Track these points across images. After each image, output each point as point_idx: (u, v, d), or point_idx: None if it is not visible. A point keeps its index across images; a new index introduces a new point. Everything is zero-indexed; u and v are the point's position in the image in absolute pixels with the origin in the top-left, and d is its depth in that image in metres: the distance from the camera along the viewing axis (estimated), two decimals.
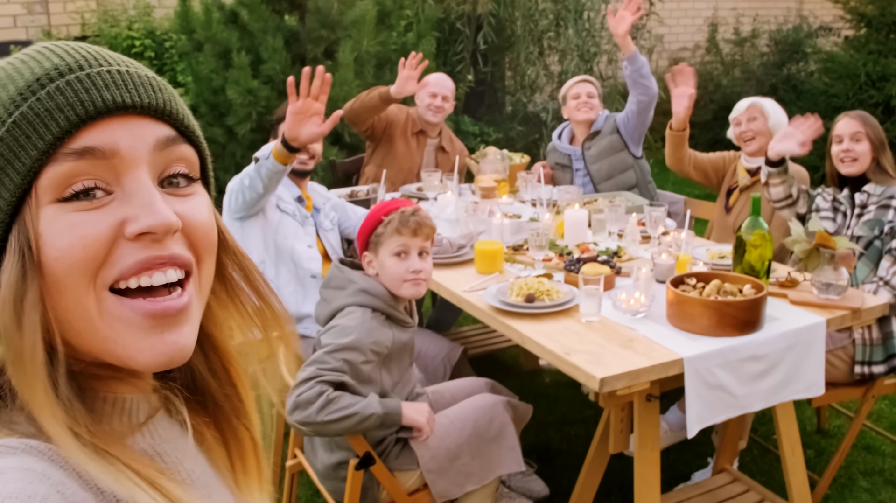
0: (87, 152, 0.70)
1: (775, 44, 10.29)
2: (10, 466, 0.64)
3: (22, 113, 0.70)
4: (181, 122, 0.78)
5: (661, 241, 3.22)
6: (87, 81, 0.72)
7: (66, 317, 0.71)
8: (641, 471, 2.50)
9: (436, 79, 4.51)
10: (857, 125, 3.29)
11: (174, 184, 0.77)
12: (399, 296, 2.58)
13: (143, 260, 0.72)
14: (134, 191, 0.72)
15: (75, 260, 0.69)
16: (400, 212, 2.55)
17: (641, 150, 4.45)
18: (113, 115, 0.72)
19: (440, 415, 2.66)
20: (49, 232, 0.70)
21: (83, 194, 0.71)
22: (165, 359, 0.74)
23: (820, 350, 2.62)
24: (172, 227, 0.72)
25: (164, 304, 0.73)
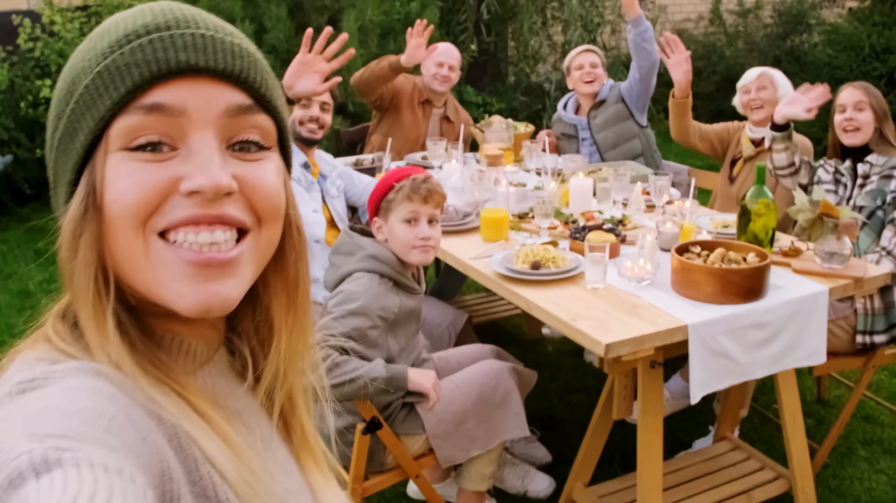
0: (156, 108, 0.74)
1: (779, 15, 10.23)
2: (82, 386, 0.69)
3: (106, 65, 0.74)
4: (258, 90, 0.80)
5: (666, 209, 3.23)
6: (168, 41, 0.75)
7: (120, 257, 0.76)
8: (644, 438, 2.53)
9: (442, 48, 4.51)
10: (860, 94, 3.29)
11: (245, 149, 0.79)
12: (407, 262, 2.60)
13: (192, 216, 0.74)
14: (196, 150, 0.75)
15: (129, 204, 0.73)
16: (411, 178, 2.57)
17: (646, 120, 4.45)
18: (186, 76, 0.75)
19: (446, 381, 2.69)
20: (111, 176, 0.74)
21: (149, 147, 0.74)
22: (204, 307, 0.76)
23: (822, 318, 2.64)
24: (222, 189, 0.74)
25: (209, 255, 0.75)
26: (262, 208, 0.80)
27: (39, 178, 6.87)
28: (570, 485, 2.98)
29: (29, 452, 0.59)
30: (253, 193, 0.78)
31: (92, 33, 0.80)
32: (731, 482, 3.02)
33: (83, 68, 0.76)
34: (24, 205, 6.88)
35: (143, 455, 0.66)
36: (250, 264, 0.80)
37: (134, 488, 0.59)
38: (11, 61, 6.85)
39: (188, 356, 0.83)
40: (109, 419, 0.66)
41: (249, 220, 0.78)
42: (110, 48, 0.75)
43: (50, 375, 0.70)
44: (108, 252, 0.76)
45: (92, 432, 0.63)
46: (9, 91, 6.78)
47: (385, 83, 4.39)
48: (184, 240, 0.75)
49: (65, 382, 0.69)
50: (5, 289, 5.33)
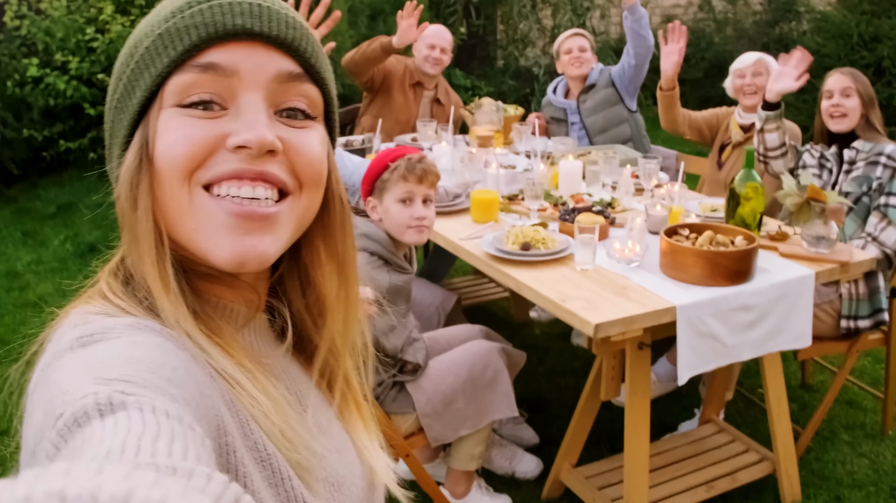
0: (209, 67, 0.77)
1: (768, 2, 10.25)
2: (144, 340, 0.72)
3: (167, 27, 0.78)
4: (308, 60, 0.83)
5: (655, 193, 3.25)
6: (226, 7, 0.78)
7: (166, 209, 0.79)
8: (632, 418, 2.56)
9: (434, 30, 4.50)
10: (847, 80, 3.31)
11: (291, 115, 0.82)
12: (402, 241, 2.61)
13: (236, 169, 0.77)
14: (244, 110, 0.78)
15: (176, 155, 0.77)
16: (406, 158, 2.57)
17: (636, 104, 4.46)
18: (241, 40, 0.79)
19: (435, 361, 2.71)
20: (163, 128, 0.78)
21: (201, 105, 0.78)
22: (240, 259, 0.78)
23: (808, 302, 2.67)
24: (267, 145, 0.77)
25: (249, 208, 0.78)
26: (304, 173, 0.82)
27: (26, 158, 6.84)
28: (558, 466, 3.01)
29: (95, 394, 0.61)
30: (296, 157, 0.81)
31: (159, 4, 0.83)
32: (716, 464, 3.05)
33: (146, 32, 0.80)
34: (11, 185, 6.85)
35: (201, 408, 0.68)
36: (289, 225, 0.82)
37: (193, 434, 0.60)
38: None
39: (230, 317, 0.86)
40: (172, 370, 0.68)
41: (291, 183, 0.81)
42: (172, 13, 0.79)
43: (109, 330, 0.72)
44: (156, 205, 0.79)
45: (155, 380, 0.65)
46: None
47: (376, 64, 4.39)
48: (227, 193, 0.77)
49: (126, 338, 0.72)
50: None
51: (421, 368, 2.68)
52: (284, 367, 0.90)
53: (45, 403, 0.64)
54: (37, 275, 5.23)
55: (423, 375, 2.67)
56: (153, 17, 0.82)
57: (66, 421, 0.60)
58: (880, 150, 3.22)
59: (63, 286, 4.99)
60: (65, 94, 6.57)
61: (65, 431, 0.59)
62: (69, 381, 0.64)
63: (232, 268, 0.79)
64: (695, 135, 4.15)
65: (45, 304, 4.78)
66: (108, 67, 6.68)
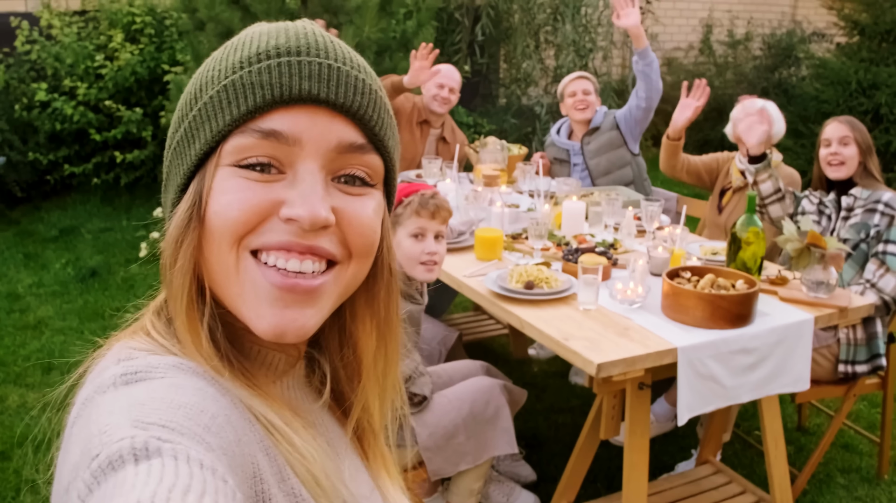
0: (271, 134, 0.76)
1: (768, 47, 10.39)
2: (186, 384, 0.72)
3: (232, 80, 0.77)
4: (373, 129, 0.81)
5: (657, 235, 3.30)
6: (295, 67, 0.77)
7: (212, 268, 0.79)
8: (631, 458, 2.58)
9: (444, 70, 4.57)
10: (845, 129, 3.37)
11: (349, 182, 0.81)
12: (412, 277, 2.65)
13: (286, 242, 0.76)
14: (301, 179, 0.77)
15: (228, 218, 0.76)
16: (420, 194, 2.63)
17: (639, 148, 4.52)
18: (307, 105, 0.77)
19: (438, 395, 2.74)
20: (218, 188, 0.77)
21: (258, 167, 0.77)
22: (280, 331, 0.77)
23: (807, 346, 2.70)
24: (319, 222, 0.76)
25: (294, 281, 0.77)
26: (356, 243, 0.81)
27: (31, 181, 6.89)
28: None
29: (132, 437, 0.61)
30: (349, 227, 0.80)
31: (228, 42, 0.83)
32: None
33: (212, 77, 0.79)
34: (14, 207, 6.89)
35: (237, 456, 0.69)
36: (333, 295, 0.82)
37: (225, 488, 0.61)
38: (7, 63, 6.89)
39: (269, 367, 0.86)
40: (211, 417, 0.69)
41: (340, 254, 0.80)
42: (240, 63, 0.78)
43: (153, 370, 0.73)
44: (203, 262, 0.79)
45: (193, 427, 0.65)
46: (3, 93, 6.81)
47: None
48: (274, 262, 0.77)
49: (168, 379, 0.72)
50: None
51: (427, 400, 2.71)
52: (320, 418, 0.90)
53: (83, 441, 0.65)
54: (37, 298, 5.25)
55: (426, 410, 2.70)
56: (221, 60, 0.80)
57: (100, 463, 0.60)
58: (878, 197, 3.27)
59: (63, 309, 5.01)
60: (71, 119, 6.64)
61: (98, 473, 0.60)
62: (108, 421, 0.65)
63: (271, 338, 0.78)
64: (693, 179, 4.21)
65: (44, 327, 4.80)
66: (116, 94, 6.77)
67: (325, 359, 0.92)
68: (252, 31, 0.82)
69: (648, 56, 4.20)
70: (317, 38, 0.80)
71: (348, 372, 0.93)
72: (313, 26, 0.82)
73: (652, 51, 4.24)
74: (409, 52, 6.44)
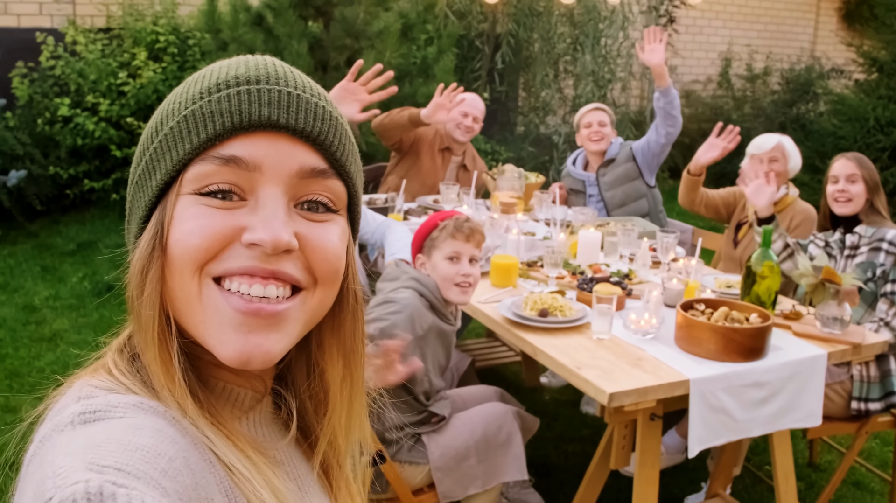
0: (231, 160, 0.76)
1: (787, 82, 10.42)
2: (146, 424, 0.70)
3: (192, 110, 0.78)
4: (334, 155, 0.81)
5: (671, 266, 3.31)
6: (254, 94, 0.77)
7: (175, 296, 0.78)
8: (641, 489, 2.58)
9: (469, 99, 4.60)
10: (852, 167, 3.39)
11: (312, 208, 0.81)
12: (447, 299, 2.72)
13: (249, 267, 0.76)
14: (262, 204, 0.77)
15: (190, 246, 0.75)
16: (455, 218, 2.72)
17: (655, 180, 4.54)
18: (267, 131, 0.77)
19: (453, 418, 2.77)
20: (179, 217, 0.77)
21: (220, 194, 0.77)
22: (245, 357, 0.76)
23: (820, 381, 2.70)
24: (282, 245, 0.76)
25: (258, 305, 0.76)
26: (320, 269, 0.80)
27: (50, 195, 6.95)
28: None
29: (86, 482, 0.60)
30: (312, 254, 0.80)
31: (190, 77, 0.83)
32: None
33: (172, 110, 0.79)
34: (33, 220, 6.95)
35: (194, 501, 0.68)
36: (299, 321, 0.81)
37: None
38: (32, 77, 6.96)
39: (234, 403, 0.84)
40: (169, 460, 0.67)
41: (305, 280, 0.80)
42: (200, 94, 0.78)
43: (112, 409, 0.71)
44: (167, 292, 0.78)
45: (149, 471, 0.64)
46: (27, 107, 6.89)
47: (402, 132, 4.48)
48: (237, 289, 0.76)
49: (127, 419, 0.70)
50: (11, 302, 5.37)
51: (445, 420, 2.75)
52: (287, 454, 0.89)
53: (37, 483, 0.63)
54: (53, 311, 5.29)
55: (440, 430, 2.72)
56: (182, 93, 0.81)
57: None
58: (881, 235, 3.27)
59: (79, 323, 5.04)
60: (93, 134, 6.71)
61: None
62: (63, 463, 0.63)
63: (236, 365, 0.77)
64: (711, 213, 4.22)
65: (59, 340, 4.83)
66: (137, 111, 6.84)
67: (291, 395, 0.91)
68: (213, 66, 0.82)
69: (670, 94, 4.23)
70: (276, 68, 0.81)
71: (315, 402, 0.91)
72: (273, 59, 0.83)
73: (674, 88, 4.26)
74: (429, 77, 6.55)
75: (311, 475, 0.91)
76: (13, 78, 6.87)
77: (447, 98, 4.25)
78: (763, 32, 11.51)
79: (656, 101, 4.28)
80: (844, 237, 3.40)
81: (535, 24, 8.43)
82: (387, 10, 6.38)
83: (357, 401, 0.92)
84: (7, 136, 6.52)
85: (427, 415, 2.74)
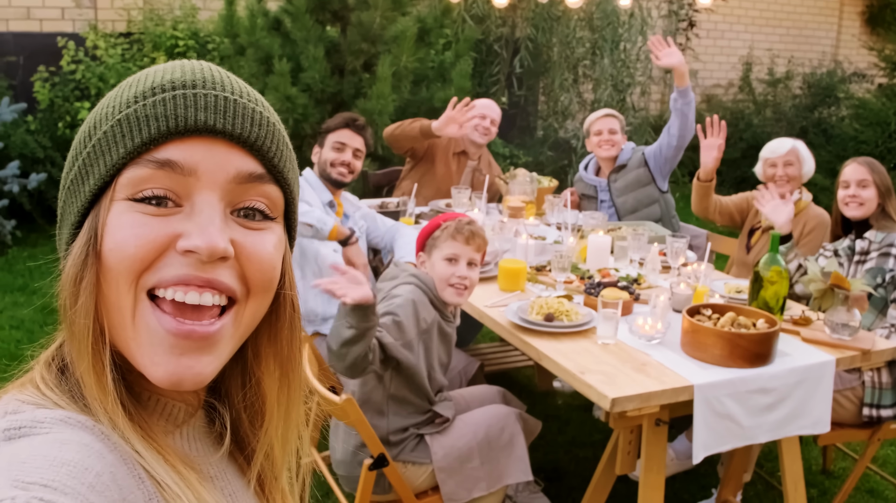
0: (166, 164, 0.74)
1: (808, 87, 10.35)
2: (72, 439, 0.69)
3: (126, 114, 0.76)
4: (272, 160, 0.81)
5: (681, 271, 3.29)
6: (190, 99, 0.76)
7: (110, 309, 0.76)
8: (646, 495, 2.57)
9: (486, 102, 4.63)
10: (864, 172, 3.36)
11: (249, 215, 0.79)
12: (441, 298, 2.74)
13: (183, 275, 0.74)
14: (199, 210, 0.75)
15: (125, 255, 0.74)
16: (457, 220, 2.75)
17: (667, 185, 4.51)
18: (203, 136, 0.76)
19: (456, 419, 2.77)
20: (113, 224, 0.75)
21: (154, 200, 0.75)
22: (176, 379, 0.75)
23: (828, 388, 2.68)
24: (218, 252, 0.74)
25: (191, 328, 0.75)
26: (254, 279, 0.79)
27: None
28: None
29: (12, 499, 0.59)
30: (247, 262, 0.78)
31: (123, 82, 0.81)
32: None
33: (106, 114, 0.77)
34: (54, 222, 6.96)
35: None
36: (232, 338, 0.80)
37: None
38: (53, 82, 7.04)
39: (166, 416, 0.83)
40: (96, 475, 0.66)
41: (239, 290, 0.78)
42: (135, 98, 0.76)
43: (38, 425, 0.70)
44: (101, 301, 0.76)
45: (76, 486, 0.63)
46: (48, 110, 6.97)
47: (413, 143, 4.50)
48: (171, 296, 0.74)
49: (53, 434, 0.69)
50: (30, 303, 5.43)
51: (448, 421, 2.77)
52: (221, 469, 0.87)
53: None
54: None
55: (443, 431, 2.73)
56: (115, 97, 0.79)
57: None
58: (891, 240, 3.25)
59: None
60: None
61: None
62: None
63: (167, 386, 0.75)
64: (725, 220, 4.19)
65: None
66: None
67: (225, 408, 0.89)
68: (148, 70, 0.81)
69: (688, 95, 4.20)
70: (213, 73, 0.80)
71: (250, 413, 0.90)
72: (210, 64, 0.81)
73: (692, 90, 4.24)
74: (446, 82, 6.54)
75: (247, 490, 0.90)
76: (35, 82, 6.95)
77: (459, 112, 4.27)
78: (785, 37, 11.43)
79: (673, 102, 4.26)
80: (854, 243, 3.37)
81: (553, 29, 8.42)
82: (404, 15, 6.39)
83: (294, 410, 0.91)
84: (28, 140, 6.60)
85: (431, 415, 2.75)
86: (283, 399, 0.89)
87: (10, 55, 7.07)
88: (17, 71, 7.07)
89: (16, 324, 5.12)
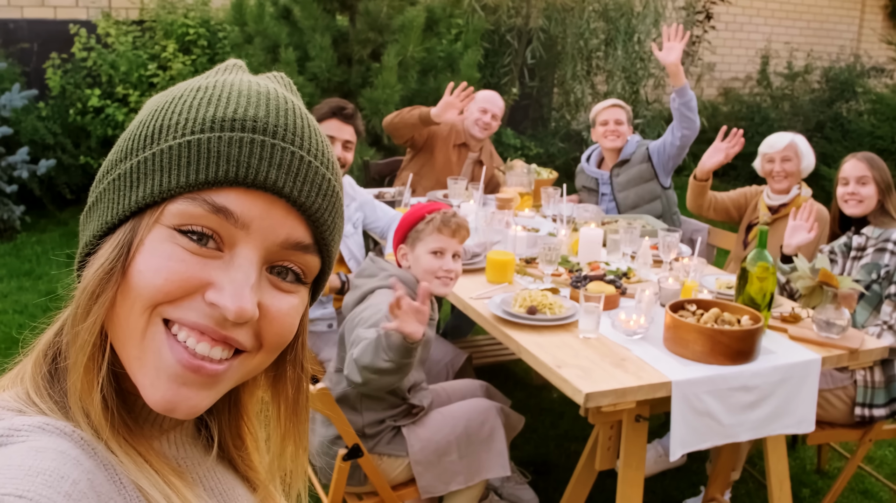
0: (222, 210, 0.73)
1: (826, 81, 10.23)
2: (48, 447, 0.68)
3: (198, 139, 0.73)
4: (323, 233, 0.79)
5: (673, 265, 3.26)
6: (267, 150, 0.74)
7: (119, 324, 0.74)
8: (624, 491, 2.54)
9: (488, 96, 4.58)
10: (863, 168, 3.31)
11: (282, 274, 0.78)
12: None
13: (203, 325, 0.73)
14: (237, 265, 0.74)
15: (152, 284, 0.72)
16: (442, 212, 2.72)
17: (670, 181, 4.46)
18: (267, 193, 0.74)
19: (434, 412, 2.76)
20: (150, 247, 0.73)
21: (199, 236, 0.73)
22: (171, 407, 0.74)
23: (813, 387, 2.64)
24: (243, 318, 0.73)
25: (200, 363, 0.74)
26: (269, 340, 0.78)
27: (81, 184, 7.05)
28: None
29: None
30: (268, 325, 0.77)
31: (202, 82, 0.79)
32: None
33: (176, 122, 0.75)
34: (63, 209, 7.06)
35: None
36: (232, 380, 0.79)
37: None
38: (65, 68, 7.07)
39: (155, 423, 0.82)
40: (72, 483, 0.66)
41: (251, 346, 0.77)
42: (211, 123, 0.74)
43: (14, 433, 0.69)
44: (112, 314, 0.75)
45: (52, 496, 0.63)
46: (59, 97, 7.00)
47: (413, 131, 4.46)
48: (184, 339, 0.74)
49: (30, 442, 0.68)
50: (35, 289, 5.47)
51: (424, 410, 2.75)
52: (209, 468, 0.88)
53: None
54: None
55: (420, 423, 2.72)
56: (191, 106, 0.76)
57: None
58: (887, 236, 3.20)
59: None
60: (123, 125, 6.80)
61: None
62: None
63: (159, 410, 0.75)
64: (721, 216, 4.16)
65: None
66: None
67: (212, 420, 0.90)
68: (231, 84, 0.78)
69: (686, 94, 4.12)
70: (295, 118, 0.78)
71: (232, 433, 0.91)
72: (292, 99, 0.79)
73: (690, 89, 4.18)
74: (454, 72, 6.51)
75: (240, 484, 0.90)
76: (47, 69, 6.98)
77: (457, 97, 4.23)
78: (805, 30, 11.32)
79: (672, 102, 4.19)
80: (851, 239, 3.33)
81: (567, 20, 8.37)
82: (412, 4, 6.37)
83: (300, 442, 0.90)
84: (39, 126, 6.64)
85: (406, 407, 2.73)
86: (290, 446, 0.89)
87: (24, 42, 7.10)
88: (31, 57, 7.11)
89: (20, 308, 5.15)
